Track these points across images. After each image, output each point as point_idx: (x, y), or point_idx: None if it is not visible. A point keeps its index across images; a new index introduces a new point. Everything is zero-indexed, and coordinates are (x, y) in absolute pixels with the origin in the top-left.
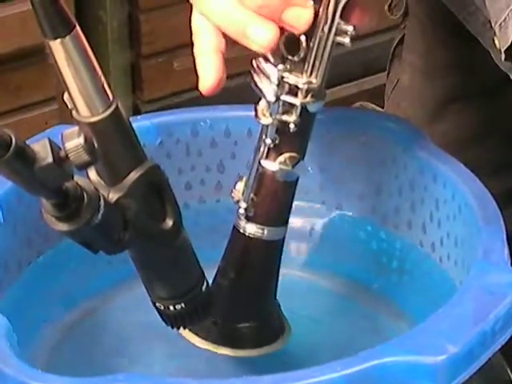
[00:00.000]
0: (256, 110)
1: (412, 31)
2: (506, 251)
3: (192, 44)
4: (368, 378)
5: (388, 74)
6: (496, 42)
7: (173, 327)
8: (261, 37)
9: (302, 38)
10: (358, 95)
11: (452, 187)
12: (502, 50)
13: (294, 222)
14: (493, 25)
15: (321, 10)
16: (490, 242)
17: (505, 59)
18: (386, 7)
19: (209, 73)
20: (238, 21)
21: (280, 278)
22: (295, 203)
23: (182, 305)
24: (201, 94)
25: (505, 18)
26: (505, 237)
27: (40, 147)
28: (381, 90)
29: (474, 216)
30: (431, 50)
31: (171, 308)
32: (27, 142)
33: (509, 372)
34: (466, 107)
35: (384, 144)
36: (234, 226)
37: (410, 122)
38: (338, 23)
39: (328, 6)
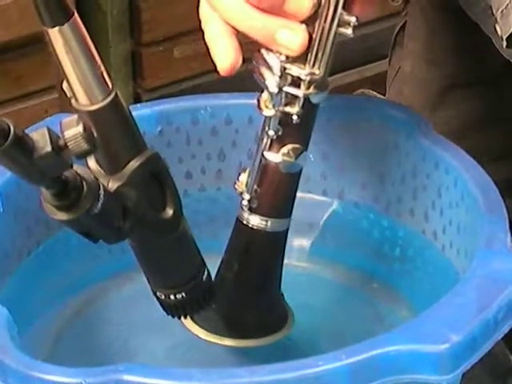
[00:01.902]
0: (258, 102)
1: (413, 18)
2: (509, 239)
3: (192, 32)
4: (371, 367)
5: (390, 60)
6: (497, 29)
7: (173, 316)
8: (292, 41)
9: (306, 28)
10: (359, 82)
11: (454, 174)
12: (504, 38)
13: (296, 211)
14: (494, 12)
15: (323, 0)
16: (493, 230)
17: (506, 46)
18: None
19: (226, 53)
20: (264, 26)
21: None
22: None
23: (183, 294)
24: (218, 74)
25: (506, 5)
26: (507, 225)
27: (39, 136)
28: (382, 77)
29: (477, 204)
30: (433, 36)
31: (172, 297)
32: (26, 130)
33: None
34: (468, 94)
35: (386, 131)
36: (238, 218)
37: (412, 109)
38: (341, 14)
39: None
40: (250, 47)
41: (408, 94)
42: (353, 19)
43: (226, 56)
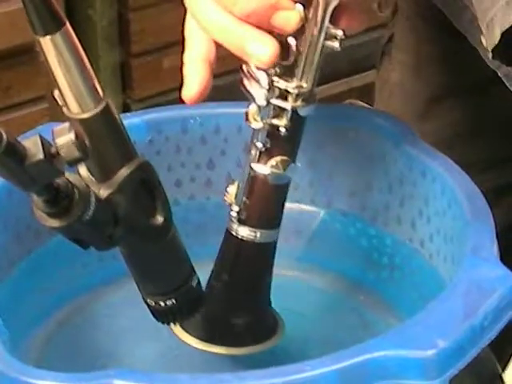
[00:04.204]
0: (247, 114)
1: (401, 29)
2: (495, 246)
3: (181, 43)
4: (358, 372)
5: (378, 71)
6: (483, 40)
7: (164, 323)
8: (261, 53)
9: (292, 42)
10: (347, 93)
11: (441, 182)
12: (489, 49)
13: (284, 219)
14: (480, 23)
15: (310, 14)
16: (479, 238)
17: (492, 58)
18: (375, 5)
19: (193, 82)
20: (237, 37)
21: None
22: None
23: (173, 301)
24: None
25: (492, 18)
26: (494, 232)
27: (31, 143)
28: (370, 88)
29: (464, 212)
30: (420, 47)
31: (162, 304)
32: (18, 138)
33: (498, 366)
34: (456, 104)
35: (374, 140)
36: (227, 229)
37: (399, 119)
38: (328, 27)
39: (317, 10)
40: (237, 58)
41: (396, 104)
42: (340, 33)
43: (190, 85)
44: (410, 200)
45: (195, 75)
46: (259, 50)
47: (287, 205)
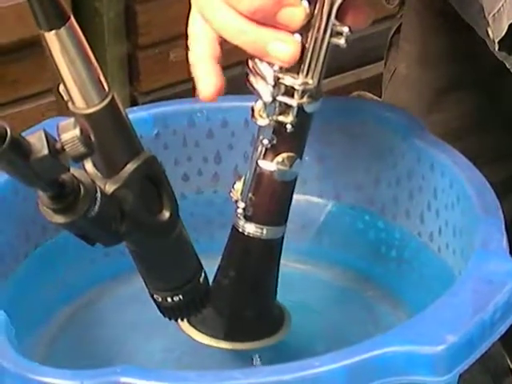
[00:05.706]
0: (253, 111)
1: (408, 20)
2: (505, 240)
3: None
4: (367, 369)
5: (385, 63)
6: (489, 32)
7: (170, 319)
8: (283, 53)
9: (298, 39)
10: (355, 85)
11: (450, 176)
12: (496, 41)
13: (293, 212)
14: (486, 15)
15: (316, 10)
16: (489, 231)
17: (499, 49)
18: None
19: (208, 83)
20: (256, 39)
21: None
22: None
23: (180, 296)
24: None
25: (499, 9)
26: (503, 225)
27: (35, 139)
28: (378, 80)
29: (473, 205)
30: (428, 38)
31: (169, 300)
32: (23, 133)
33: (508, 361)
34: (463, 96)
35: (382, 133)
36: (233, 225)
37: (408, 111)
38: (333, 24)
39: (323, 6)
40: (244, 50)
41: (403, 96)
42: (345, 29)
43: (207, 83)
44: (419, 193)
45: (208, 75)
46: (281, 50)
47: (295, 197)
